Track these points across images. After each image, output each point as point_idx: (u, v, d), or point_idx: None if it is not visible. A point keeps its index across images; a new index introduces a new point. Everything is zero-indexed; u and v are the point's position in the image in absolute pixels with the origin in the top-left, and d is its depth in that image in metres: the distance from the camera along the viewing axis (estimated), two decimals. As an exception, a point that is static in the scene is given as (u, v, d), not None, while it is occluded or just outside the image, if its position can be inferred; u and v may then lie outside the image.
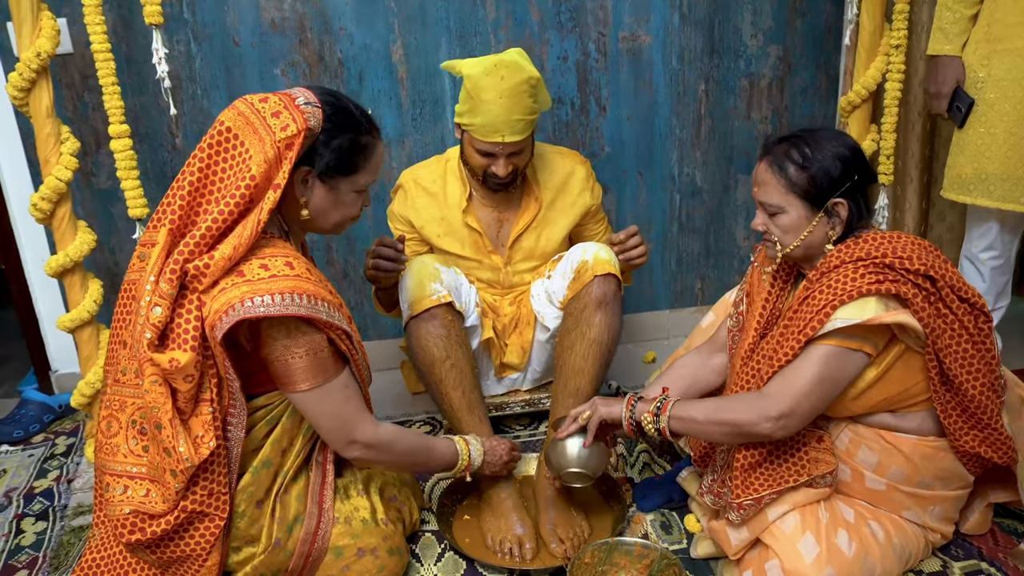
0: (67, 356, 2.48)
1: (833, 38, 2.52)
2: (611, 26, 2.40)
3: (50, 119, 1.76)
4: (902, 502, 1.50)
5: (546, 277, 2.02)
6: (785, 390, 1.39)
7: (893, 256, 1.37)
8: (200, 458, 1.28)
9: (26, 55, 1.70)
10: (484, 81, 1.77)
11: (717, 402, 1.48)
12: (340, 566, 1.47)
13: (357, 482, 1.56)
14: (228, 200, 1.28)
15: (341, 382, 1.39)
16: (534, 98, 1.81)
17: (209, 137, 1.31)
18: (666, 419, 1.47)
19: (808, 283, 1.45)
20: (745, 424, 1.40)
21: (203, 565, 1.35)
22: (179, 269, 1.26)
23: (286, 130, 1.30)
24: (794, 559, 1.39)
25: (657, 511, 1.78)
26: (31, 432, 2.31)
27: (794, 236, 1.45)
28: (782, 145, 1.44)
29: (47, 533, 1.85)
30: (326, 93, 1.39)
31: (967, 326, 1.41)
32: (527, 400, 2.12)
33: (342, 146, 1.37)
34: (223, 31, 2.24)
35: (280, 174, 1.30)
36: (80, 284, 1.88)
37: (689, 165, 2.60)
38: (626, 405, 1.53)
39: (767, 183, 1.45)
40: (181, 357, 1.25)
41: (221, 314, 1.26)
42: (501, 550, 1.66)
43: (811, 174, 1.41)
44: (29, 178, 2.29)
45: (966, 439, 1.46)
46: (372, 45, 2.31)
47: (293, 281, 1.29)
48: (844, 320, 1.35)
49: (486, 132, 1.80)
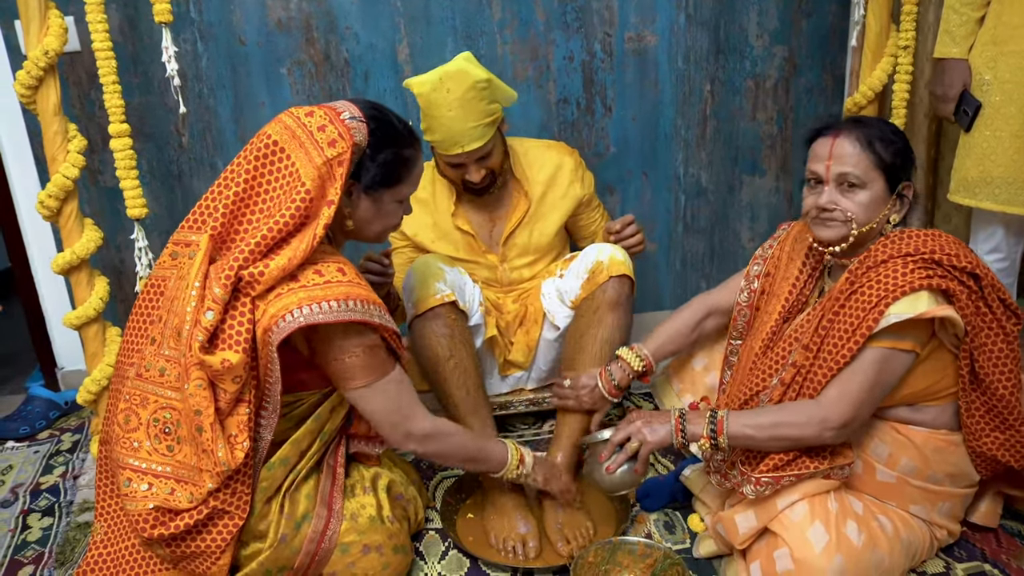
0: (73, 353, 2.49)
1: (839, 39, 2.51)
2: (617, 26, 2.40)
3: (57, 117, 1.77)
4: (911, 496, 1.50)
5: (558, 276, 2.02)
6: (843, 399, 1.40)
7: (941, 253, 1.38)
8: (236, 462, 1.31)
9: (34, 53, 1.71)
10: (433, 97, 1.78)
11: (773, 416, 1.45)
12: (346, 562, 1.48)
13: (364, 480, 1.57)
14: (284, 212, 1.31)
15: (395, 378, 1.43)
16: (487, 100, 1.80)
17: (255, 149, 1.33)
18: (724, 440, 1.46)
19: (852, 276, 1.44)
20: (806, 439, 1.42)
21: (215, 562, 1.37)
22: (233, 275, 1.29)
23: (334, 146, 1.32)
24: (804, 547, 1.39)
25: (661, 511, 1.78)
26: (37, 428, 2.32)
27: (872, 214, 1.44)
28: (861, 123, 1.45)
29: (53, 529, 1.85)
30: (370, 107, 1.42)
31: (1004, 326, 1.42)
32: (532, 399, 2.12)
33: (387, 160, 1.41)
34: (229, 30, 2.25)
35: (333, 190, 1.33)
36: (87, 281, 1.89)
37: (694, 165, 2.60)
38: (675, 430, 1.51)
39: (849, 156, 1.42)
40: (232, 357, 1.27)
41: (278, 318, 1.29)
42: (504, 548, 1.67)
43: (895, 151, 1.43)
44: (36, 176, 2.30)
45: (986, 440, 1.46)
46: (378, 45, 2.32)
47: (347, 287, 1.33)
48: (898, 315, 1.35)
49: (447, 146, 1.82)
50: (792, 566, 1.40)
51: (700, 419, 1.49)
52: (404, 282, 1.88)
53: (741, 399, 1.57)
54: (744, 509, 1.49)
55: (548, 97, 2.44)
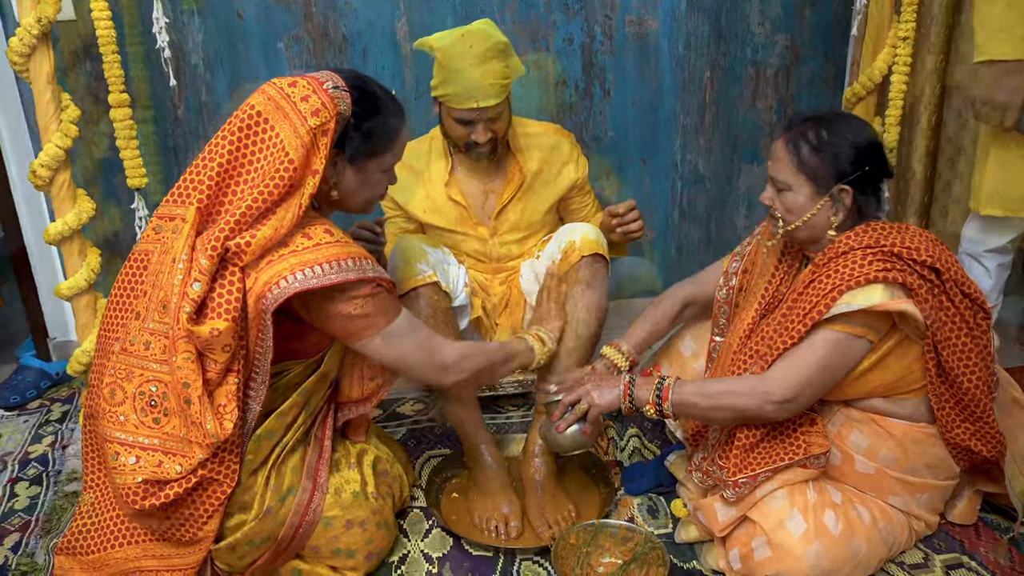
0: (64, 324, 2.49)
1: (841, 28, 2.49)
2: (618, 9, 2.38)
3: (50, 86, 1.76)
4: (890, 487, 1.51)
5: (535, 258, 2.02)
6: (789, 375, 1.41)
7: (901, 246, 1.39)
8: (225, 433, 1.31)
9: (27, 20, 1.69)
10: (454, 50, 1.78)
11: (718, 385, 1.49)
12: (328, 536, 1.49)
13: (350, 456, 1.58)
14: (268, 182, 1.31)
15: (407, 317, 1.45)
16: (505, 63, 1.82)
17: (239, 120, 1.33)
18: (668, 407, 1.48)
19: (814, 267, 1.47)
20: (748, 409, 1.43)
21: (202, 527, 1.38)
22: (220, 246, 1.29)
23: (318, 115, 1.32)
24: (781, 535, 1.41)
25: (645, 496, 1.79)
26: (27, 398, 2.33)
27: (796, 216, 1.47)
28: (803, 124, 1.47)
29: (40, 498, 1.87)
30: (353, 77, 1.41)
31: (967, 320, 1.43)
32: (520, 381, 2.12)
33: (371, 129, 1.41)
34: (227, 4, 2.23)
35: (318, 160, 1.34)
36: (78, 252, 1.88)
37: (692, 152, 2.58)
38: (623, 393, 1.53)
39: (780, 159, 1.47)
40: (221, 325, 1.28)
41: (271, 285, 1.30)
42: (487, 528, 1.68)
43: (821, 157, 1.43)
44: (30, 145, 2.28)
45: (958, 431, 1.47)
46: (377, 22, 2.30)
47: (336, 247, 1.34)
48: (849, 305, 1.37)
49: (461, 99, 1.80)
50: (770, 553, 1.42)
51: (648, 385, 1.51)
52: (387, 263, 1.87)
53: None
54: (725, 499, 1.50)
55: (547, 79, 2.42)
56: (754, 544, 1.44)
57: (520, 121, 2.06)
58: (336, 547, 1.50)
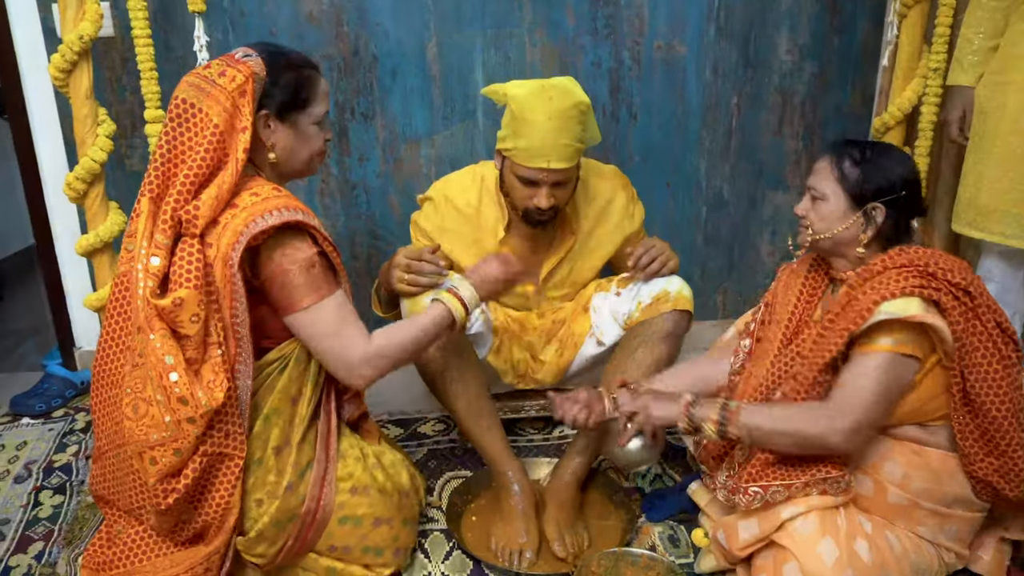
0: (91, 334, 2.52)
1: (870, 58, 2.49)
2: (646, 35, 2.40)
3: (88, 101, 1.80)
4: (920, 519, 1.49)
5: (613, 293, 1.94)
6: (851, 402, 1.39)
7: (936, 266, 1.41)
8: (217, 402, 1.33)
9: (69, 37, 1.73)
10: (532, 101, 1.68)
11: (784, 411, 1.46)
12: (359, 534, 1.53)
13: (368, 457, 1.59)
14: (199, 150, 1.36)
15: (337, 300, 1.45)
16: (583, 125, 1.72)
17: (170, 113, 1.39)
18: (737, 428, 1.44)
19: (850, 288, 1.48)
20: (813, 435, 1.41)
21: (227, 506, 1.40)
22: (170, 219, 1.34)
23: (234, 80, 1.39)
24: (813, 561, 1.38)
25: (666, 523, 1.78)
26: (52, 406, 2.35)
27: (827, 226, 1.51)
28: (850, 143, 1.53)
29: (64, 507, 1.88)
30: (261, 43, 1.49)
31: (999, 347, 1.42)
32: (543, 404, 2.12)
33: (289, 82, 1.46)
34: (261, 21, 2.27)
35: (242, 118, 1.39)
36: (109, 264, 1.91)
37: (717, 178, 2.59)
38: (683, 410, 1.50)
39: (821, 170, 1.52)
40: (183, 293, 1.31)
41: (233, 243, 1.35)
42: (501, 555, 1.68)
43: (862, 172, 1.47)
44: (65, 158, 2.32)
45: (981, 464, 1.45)
46: (407, 42, 2.33)
47: (284, 199, 1.41)
48: (888, 314, 1.37)
49: (531, 156, 1.69)
50: (803, 579, 1.39)
51: (711, 404, 1.49)
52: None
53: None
54: (747, 517, 1.49)
55: (574, 102, 2.43)
56: (785, 570, 1.41)
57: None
58: (366, 545, 1.54)
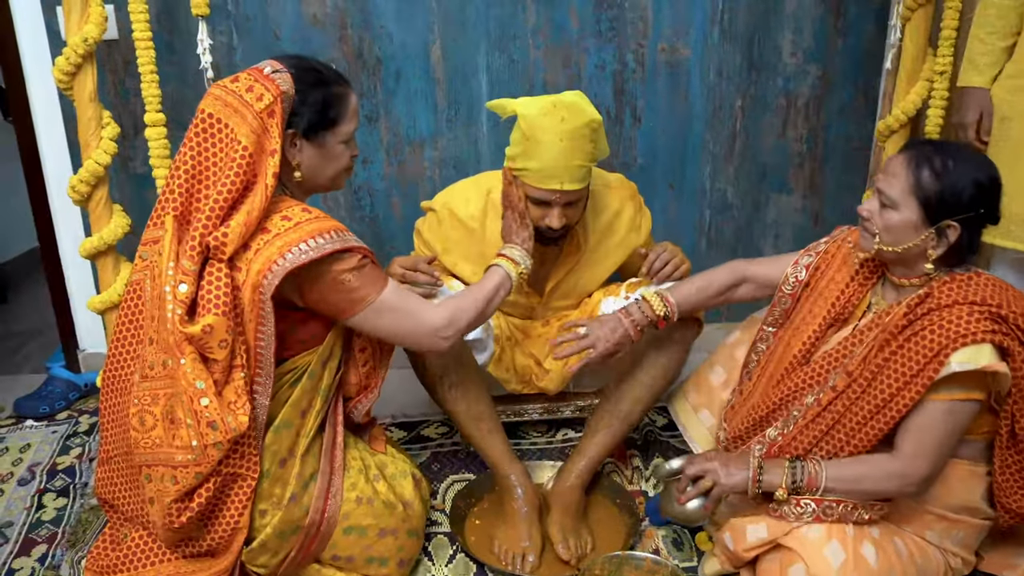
0: (95, 336, 2.52)
1: (874, 60, 2.48)
2: (650, 37, 2.39)
3: (92, 103, 1.79)
4: (928, 524, 1.49)
5: (623, 298, 1.90)
6: (920, 454, 1.40)
7: (1008, 309, 1.36)
8: (242, 427, 1.33)
9: (73, 40, 1.73)
10: (542, 121, 1.62)
11: (853, 470, 1.44)
12: (363, 545, 1.52)
13: (370, 469, 1.58)
14: (228, 174, 1.34)
15: (394, 286, 1.46)
16: (595, 143, 1.68)
17: (194, 127, 1.37)
18: (807, 495, 1.44)
19: (911, 314, 1.41)
20: (888, 492, 1.43)
21: (235, 527, 1.40)
22: (198, 245, 1.32)
23: (262, 99, 1.36)
24: (820, 564, 1.38)
25: (670, 527, 1.77)
26: (56, 409, 2.35)
27: (892, 237, 1.42)
28: (928, 147, 1.41)
29: (67, 510, 1.88)
30: (291, 57, 1.46)
31: None
32: (545, 407, 2.11)
33: (318, 101, 1.43)
34: (264, 24, 2.27)
35: (271, 140, 1.37)
36: (112, 267, 1.91)
37: (721, 181, 2.58)
38: (752, 478, 1.48)
39: (896, 175, 1.40)
40: (212, 320, 1.30)
41: (265, 272, 1.33)
42: (504, 559, 1.67)
43: (941, 186, 1.37)
44: (69, 160, 2.32)
45: (1015, 498, 1.46)
46: (411, 45, 2.33)
47: (316, 223, 1.38)
48: (961, 364, 1.33)
49: (542, 178, 1.65)
50: (809, 581, 1.39)
51: (778, 469, 1.47)
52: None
53: (769, 406, 1.57)
54: (756, 521, 1.49)
55: (577, 105, 2.43)
56: (791, 572, 1.40)
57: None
58: (370, 555, 1.53)
